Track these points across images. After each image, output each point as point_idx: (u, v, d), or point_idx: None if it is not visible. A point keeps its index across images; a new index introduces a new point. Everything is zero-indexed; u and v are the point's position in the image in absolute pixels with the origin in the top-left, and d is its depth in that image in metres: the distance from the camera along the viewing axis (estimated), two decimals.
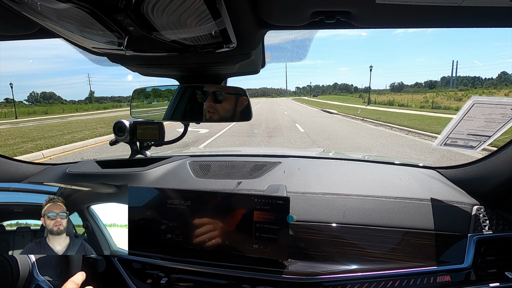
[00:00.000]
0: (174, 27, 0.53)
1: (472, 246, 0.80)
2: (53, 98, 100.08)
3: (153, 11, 0.47)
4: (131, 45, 0.61)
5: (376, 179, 1.04)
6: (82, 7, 0.45)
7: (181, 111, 0.92)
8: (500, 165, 0.84)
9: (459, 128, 0.83)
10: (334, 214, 0.87)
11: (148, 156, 1.24)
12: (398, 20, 0.60)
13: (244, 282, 0.76)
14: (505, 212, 0.87)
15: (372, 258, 0.79)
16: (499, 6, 0.49)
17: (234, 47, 0.64)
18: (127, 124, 1.12)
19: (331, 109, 23.40)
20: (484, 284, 0.77)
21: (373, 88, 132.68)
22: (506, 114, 0.74)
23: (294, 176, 1.08)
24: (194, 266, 0.79)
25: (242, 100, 0.86)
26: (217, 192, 0.83)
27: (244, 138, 8.75)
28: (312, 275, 0.74)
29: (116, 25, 0.52)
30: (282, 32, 0.72)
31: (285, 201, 0.76)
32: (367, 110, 21.87)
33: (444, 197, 0.92)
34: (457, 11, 0.53)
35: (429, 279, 0.76)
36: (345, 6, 0.54)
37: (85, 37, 0.59)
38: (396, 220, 0.85)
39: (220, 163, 1.24)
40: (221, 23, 0.51)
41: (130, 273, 0.83)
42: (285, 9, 0.57)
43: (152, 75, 0.95)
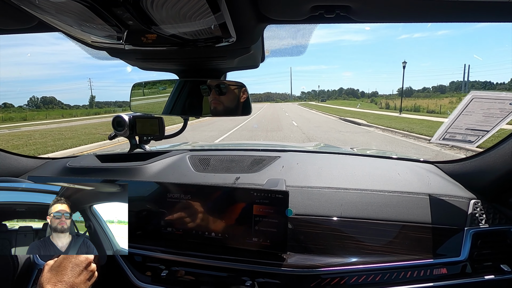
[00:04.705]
0: (174, 21, 0.53)
1: (469, 240, 0.81)
2: (54, 103, 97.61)
3: (152, 5, 0.47)
4: (131, 39, 0.60)
5: (374, 173, 1.04)
6: (81, 1, 0.45)
7: (181, 105, 0.91)
8: (497, 160, 0.85)
9: (458, 122, 0.83)
10: (332, 208, 0.88)
11: (147, 150, 1.24)
12: (397, 14, 0.60)
13: (244, 275, 0.77)
14: (501, 206, 0.88)
15: (370, 251, 0.80)
16: (498, 1, 0.49)
17: (234, 41, 0.63)
18: (126, 118, 1.12)
19: (354, 118, 16.60)
20: (480, 277, 0.78)
21: (380, 93, 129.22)
22: (504, 109, 0.74)
23: (293, 170, 1.08)
24: (194, 259, 0.80)
25: (243, 92, 0.87)
26: (217, 186, 0.84)
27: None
28: (311, 268, 0.75)
29: (115, 19, 0.51)
30: (282, 26, 0.71)
31: (284, 195, 0.77)
32: (403, 119, 15.42)
33: (442, 191, 0.92)
34: (456, 6, 0.53)
35: (426, 271, 0.77)
36: (344, 1, 0.54)
37: (84, 31, 0.58)
38: (394, 213, 0.86)
39: (219, 157, 1.24)
40: (221, 17, 0.51)
41: (131, 266, 0.84)
42: (285, 3, 0.57)
43: (151, 69, 0.94)
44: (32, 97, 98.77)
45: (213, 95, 0.86)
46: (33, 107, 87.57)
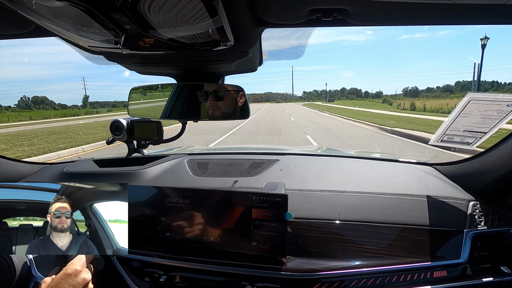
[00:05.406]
0: (171, 25, 0.53)
1: (468, 242, 0.81)
2: (45, 102, 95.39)
3: (149, 9, 0.47)
4: (128, 44, 0.60)
5: (373, 176, 1.04)
6: (78, 6, 0.45)
7: (179, 109, 0.91)
8: (496, 161, 0.85)
9: (456, 124, 0.84)
10: (331, 211, 0.88)
11: (145, 155, 1.24)
12: (395, 17, 0.60)
13: (243, 279, 0.76)
14: (500, 207, 0.88)
15: (370, 254, 0.79)
16: (494, 4, 0.50)
17: (231, 45, 0.64)
18: (124, 123, 1.12)
19: (401, 127, 10.08)
20: (480, 279, 0.78)
21: (385, 93, 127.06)
22: (501, 111, 0.74)
23: (292, 173, 1.08)
24: (193, 264, 0.79)
25: (241, 96, 0.87)
26: (216, 190, 0.83)
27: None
28: (310, 272, 0.75)
29: (113, 23, 0.51)
30: (279, 29, 0.72)
31: (283, 198, 0.76)
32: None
33: (441, 193, 0.92)
34: (453, 9, 0.53)
35: (426, 274, 0.77)
36: (341, 4, 0.54)
37: (81, 36, 0.58)
38: (393, 216, 0.85)
39: (218, 161, 1.24)
40: (218, 21, 0.51)
41: (129, 272, 0.83)
42: (282, 7, 0.57)
43: (149, 74, 0.94)
44: (23, 97, 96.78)
45: (210, 100, 0.86)
46: (24, 107, 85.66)
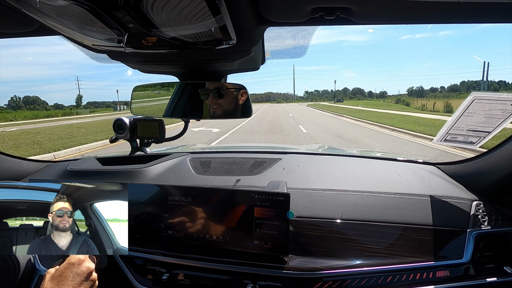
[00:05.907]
0: (174, 24, 0.53)
1: (471, 241, 0.80)
2: (37, 103, 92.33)
3: (152, 8, 0.47)
4: (131, 42, 0.61)
5: (375, 175, 1.04)
6: (81, 4, 0.45)
7: (181, 108, 0.91)
8: (499, 161, 0.85)
9: (459, 124, 0.83)
10: (334, 210, 0.88)
11: (148, 153, 1.24)
12: (398, 16, 0.60)
13: (245, 278, 0.77)
14: (504, 207, 0.87)
15: (372, 254, 0.79)
16: (498, 2, 0.49)
17: (234, 43, 0.64)
18: (127, 121, 1.12)
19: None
20: (483, 279, 0.77)
21: (389, 93, 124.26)
22: (506, 110, 0.74)
23: (294, 172, 1.08)
24: (195, 262, 0.80)
25: (243, 94, 0.87)
26: (218, 188, 0.83)
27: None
28: (312, 271, 0.75)
29: (116, 22, 0.52)
30: (282, 28, 0.72)
31: (285, 197, 0.76)
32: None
33: (444, 193, 0.92)
34: (456, 7, 0.53)
35: (429, 274, 0.77)
36: (344, 2, 0.54)
37: (85, 34, 0.59)
38: (396, 215, 0.85)
39: (220, 160, 1.24)
40: (221, 20, 0.51)
41: (132, 269, 0.84)
42: (285, 6, 0.57)
43: (152, 72, 0.94)
44: (13, 97, 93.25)
45: (211, 99, 0.86)
46: (15, 107, 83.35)
